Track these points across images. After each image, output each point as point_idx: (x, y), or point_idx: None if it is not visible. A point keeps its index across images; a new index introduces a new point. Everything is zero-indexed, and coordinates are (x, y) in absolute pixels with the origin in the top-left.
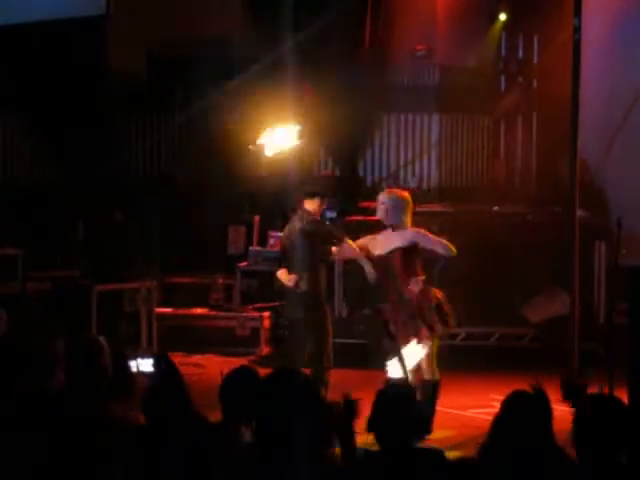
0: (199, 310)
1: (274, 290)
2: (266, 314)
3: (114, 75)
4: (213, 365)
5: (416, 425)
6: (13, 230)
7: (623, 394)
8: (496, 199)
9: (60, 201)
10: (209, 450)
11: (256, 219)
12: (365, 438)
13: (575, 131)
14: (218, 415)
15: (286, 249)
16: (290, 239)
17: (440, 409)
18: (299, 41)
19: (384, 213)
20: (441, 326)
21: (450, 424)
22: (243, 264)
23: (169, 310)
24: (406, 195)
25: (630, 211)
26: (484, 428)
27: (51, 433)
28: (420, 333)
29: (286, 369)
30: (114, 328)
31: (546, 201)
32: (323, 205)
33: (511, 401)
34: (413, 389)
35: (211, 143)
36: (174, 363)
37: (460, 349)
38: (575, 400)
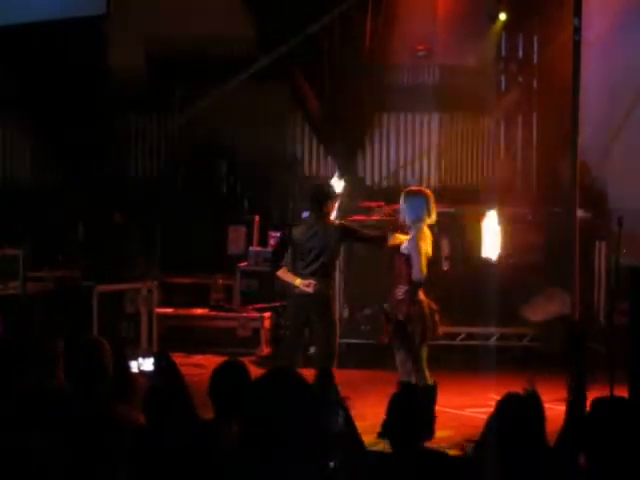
0: (199, 310)
1: (274, 290)
2: (267, 314)
3: (114, 75)
4: (213, 365)
5: (428, 427)
6: (13, 230)
7: (624, 394)
8: (496, 199)
9: (60, 201)
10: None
11: (256, 219)
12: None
13: (575, 131)
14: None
15: (284, 249)
16: (315, 242)
17: (439, 409)
18: (299, 41)
19: (401, 215)
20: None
21: (448, 424)
22: (243, 264)
23: (169, 310)
24: (420, 190)
25: (630, 211)
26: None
27: (51, 433)
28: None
29: (282, 369)
30: (115, 329)
31: (546, 201)
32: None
33: (504, 402)
34: (427, 389)
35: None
36: (175, 362)
37: (460, 349)
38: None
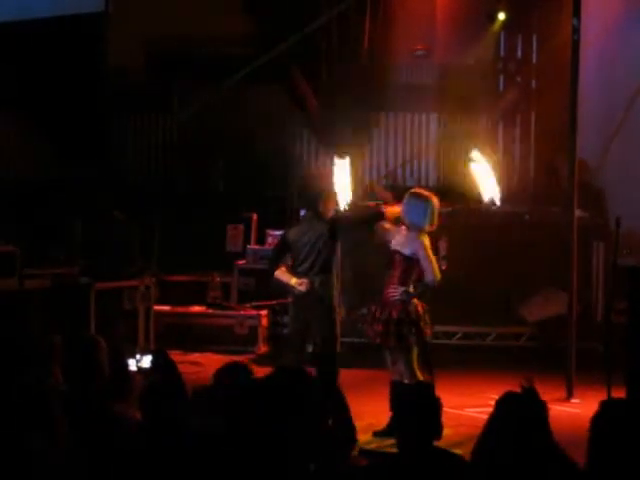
0: (197, 308)
1: (272, 288)
2: (264, 312)
3: (113, 74)
4: (211, 363)
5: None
6: (13, 229)
7: (622, 393)
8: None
9: (60, 201)
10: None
11: (254, 217)
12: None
13: (574, 131)
14: None
15: (284, 249)
16: (305, 240)
17: None
18: (297, 41)
19: (402, 211)
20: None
21: (447, 423)
22: (241, 262)
23: (167, 308)
24: (427, 197)
25: (629, 211)
26: (481, 427)
27: (49, 431)
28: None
29: (287, 369)
30: (113, 326)
31: (545, 201)
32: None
33: (502, 401)
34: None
35: (210, 142)
36: (172, 359)
37: (457, 348)
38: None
